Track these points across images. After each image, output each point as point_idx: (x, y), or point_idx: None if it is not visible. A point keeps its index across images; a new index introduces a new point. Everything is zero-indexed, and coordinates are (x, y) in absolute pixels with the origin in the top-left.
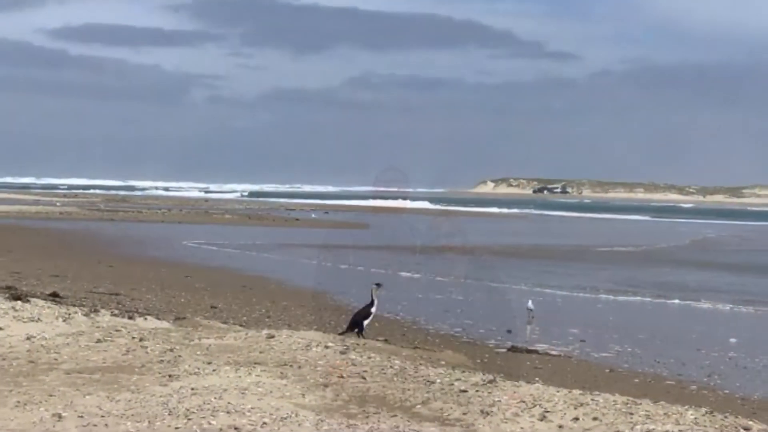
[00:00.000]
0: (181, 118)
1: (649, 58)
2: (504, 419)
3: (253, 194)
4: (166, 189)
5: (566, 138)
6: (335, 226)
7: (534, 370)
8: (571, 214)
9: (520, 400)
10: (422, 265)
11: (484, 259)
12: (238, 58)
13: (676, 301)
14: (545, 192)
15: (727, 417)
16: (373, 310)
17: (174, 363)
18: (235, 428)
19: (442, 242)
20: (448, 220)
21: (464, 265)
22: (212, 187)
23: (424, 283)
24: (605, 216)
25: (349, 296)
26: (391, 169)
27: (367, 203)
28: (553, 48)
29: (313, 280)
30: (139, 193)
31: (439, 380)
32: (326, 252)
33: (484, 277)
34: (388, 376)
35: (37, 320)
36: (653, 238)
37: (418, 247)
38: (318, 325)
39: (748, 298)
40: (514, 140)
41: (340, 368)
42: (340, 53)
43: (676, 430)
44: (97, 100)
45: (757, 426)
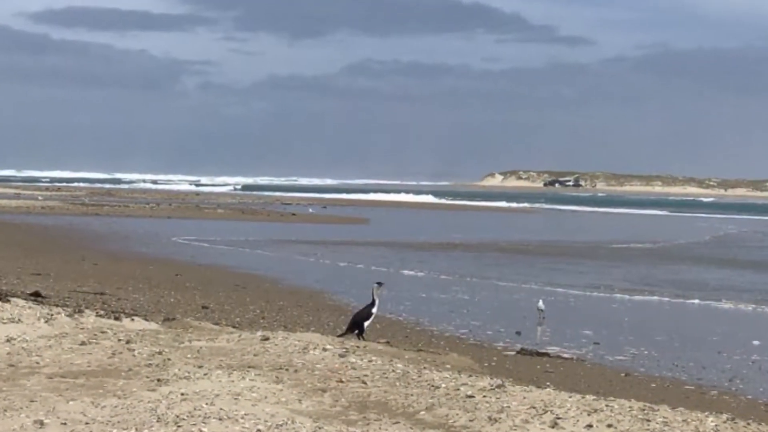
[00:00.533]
0: (170, 107)
1: (666, 43)
2: (513, 426)
3: (246, 187)
4: (155, 182)
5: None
6: (334, 221)
7: (545, 375)
8: (584, 208)
9: (530, 406)
10: (426, 263)
11: (492, 256)
12: (230, 43)
13: (695, 301)
14: (557, 185)
15: (750, 424)
16: (374, 310)
17: (163, 367)
18: None
19: (447, 238)
20: (453, 214)
21: (471, 263)
22: (203, 179)
23: (428, 282)
24: (620, 210)
25: (348, 296)
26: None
27: (368, 197)
28: (565, 32)
29: (311, 278)
30: (125, 187)
31: (444, 385)
32: (324, 249)
33: (492, 276)
34: (390, 381)
35: (18, 321)
36: (671, 234)
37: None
38: (316, 327)
39: None
40: (523, 130)
41: (339, 372)
42: (338, 38)
43: None
44: (81, 88)
45: None
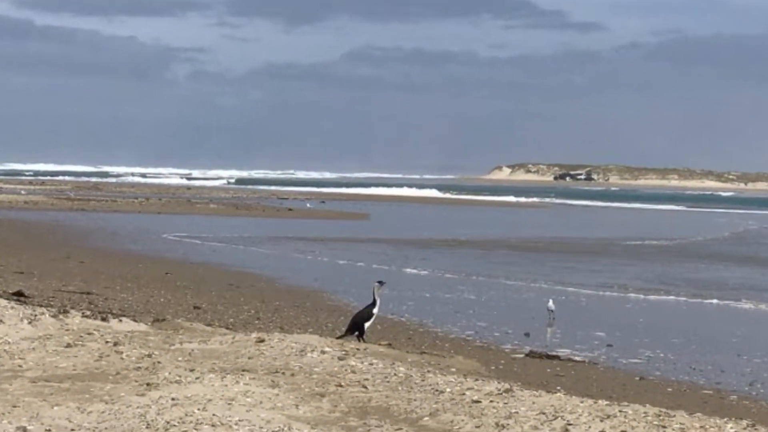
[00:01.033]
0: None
1: (683, 29)
2: None
3: (240, 181)
4: (144, 175)
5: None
6: (332, 217)
7: (555, 378)
8: (596, 203)
9: (540, 412)
10: (430, 261)
11: (499, 254)
12: (224, 29)
13: (714, 301)
14: (567, 179)
15: None
16: (375, 311)
17: (152, 370)
18: None
19: (452, 235)
20: (458, 209)
21: (477, 261)
22: (195, 173)
23: (432, 281)
24: (635, 206)
25: (348, 295)
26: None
27: (368, 191)
28: (577, 18)
29: (309, 277)
30: (113, 180)
31: (448, 389)
32: (323, 246)
33: (500, 274)
34: (391, 385)
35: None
36: (688, 231)
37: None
38: (314, 328)
39: None
40: (532, 121)
41: (339, 376)
42: (337, 24)
43: None
44: (66, 76)
45: None
